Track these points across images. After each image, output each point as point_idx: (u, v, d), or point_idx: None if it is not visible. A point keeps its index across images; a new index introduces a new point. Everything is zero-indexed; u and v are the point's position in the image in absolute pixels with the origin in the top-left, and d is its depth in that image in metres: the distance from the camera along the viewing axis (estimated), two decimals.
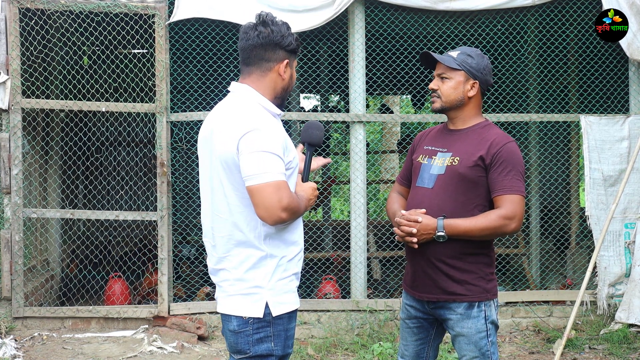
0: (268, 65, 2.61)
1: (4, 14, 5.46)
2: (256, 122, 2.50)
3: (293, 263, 2.63)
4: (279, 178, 2.45)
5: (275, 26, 2.59)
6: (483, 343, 2.90)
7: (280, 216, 2.45)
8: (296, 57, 2.68)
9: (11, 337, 5.38)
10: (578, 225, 7.32)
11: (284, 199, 2.44)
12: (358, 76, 5.79)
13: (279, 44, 2.59)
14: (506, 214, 2.82)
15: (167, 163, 5.61)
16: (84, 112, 6.98)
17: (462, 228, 2.81)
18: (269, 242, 2.56)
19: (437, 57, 2.95)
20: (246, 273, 2.56)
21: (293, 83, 2.70)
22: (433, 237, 2.84)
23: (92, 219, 6.66)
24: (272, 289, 2.55)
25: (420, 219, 2.84)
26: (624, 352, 5.22)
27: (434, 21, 6.16)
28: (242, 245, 2.56)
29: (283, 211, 2.44)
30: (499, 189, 2.85)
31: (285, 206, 2.44)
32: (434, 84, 2.98)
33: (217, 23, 5.82)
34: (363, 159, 5.83)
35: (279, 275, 2.57)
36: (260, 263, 2.56)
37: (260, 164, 2.44)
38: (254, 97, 2.60)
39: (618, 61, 6.41)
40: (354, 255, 5.82)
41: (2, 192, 5.55)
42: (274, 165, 2.45)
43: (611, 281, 5.82)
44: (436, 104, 2.98)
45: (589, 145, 5.87)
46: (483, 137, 2.91)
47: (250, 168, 2.45)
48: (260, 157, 2.45)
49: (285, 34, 2.60)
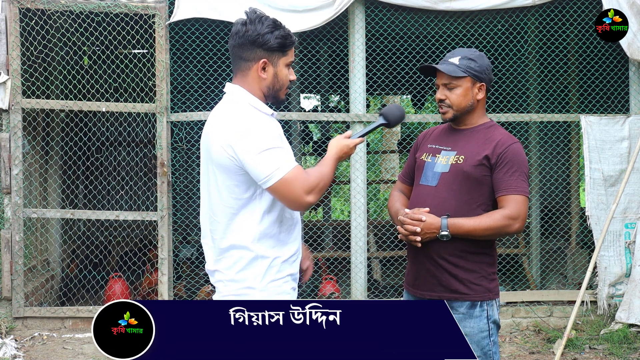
0: (247, 64, 2.58)
1: (4, 14, 5.46)
2: (247, 123, 2.49)
3: (288, 264, 2.60)
4: (290, 167, 2.45)
5: (253, 25, 2.53)
6: (485, 343, 2.90)
7: (307, 201, 2.47)
8: (284, 53, 2.58)
9: (11, 337, 5.38)
10: (578, 225, 7.32)
11: (303, 184, 2.45)
12: (358, 76, 5.79)
13: (255, 43, 2.53)
14: (510, 214, 2.82)
15: (167, 163, 5.61)
16: (84, 112, 6.98)
17: (466, 227, 2.81)
18: (263, 243, 2.55)
19: (440, 68, 2.90)
20: (238, 274, 2.55)
21: (282, 81, 2.61)
22: (437, 236, 2.84)
23: (92, 219, 6.67)
24: (265, 290, 2.53)
25: (424, 217, 2.83)
26: (624, 352, 5.22)
27: (434, 21, 6.16)
28: (236, 247, 2.55)
29: (308, 195, 2.46)
30: (503, 188, 2.85)
31: (308, 190, 2.46)
32: (441, 94, 2.93)
33: (217, 23, 5.82)
34: (363, 159, 5.83)
35: (271, 277, 2.55)
36: (252, 264, 2.54)
37: (269, 163, 2.44)
38: (245, 98, 2.58)
39: (618, 61, 6.41)
40: (354, 255, 5.82)
41: (2, 192, 5.55)
42: (280, 158, 2.45)
43: (611, 281, 5.82)
44: (448, 114, 2.94)
45: (589, 145, 5.87)
46: (489, 137, 2.91)
47: (261, 171, 2.44)
48: (265, 156, 2.44)
49: (262, 32, 2.52)
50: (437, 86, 2.98)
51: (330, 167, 2.59)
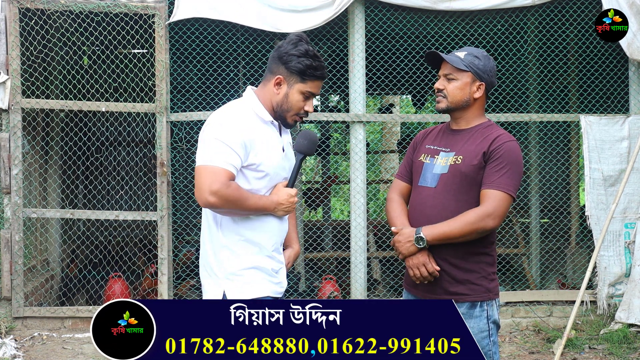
0: (269, 76, 2.70)
1: (4, 14, 5.46)
2: (224, 116, 2.62)
3: (252, 257, 2.66)
4: (219, 165, 2.53)
5: (289, 44, 2.64)
6: (485, 343, 2.90)
7: (207, 199, 2.53)
8: (302, 80, 2.65)
9: (11, 337, 5.38)
10: (578, 225, 7.32)
11: (215, 183, 2.51)
12: (358, 76, 5.79)
13: (280, 59, 2.65)
14: (485, 211, 2.80)
15: (167, 163, 5.61)
16: (84, 112, 6.98)
17: (440, 230, 2.81)
18: (225, 232, 2.64)
19: (444, 57, 2.93)
20: (208, 260, 2.69)
21: (290, 104, 2.67)
22: (415, 245, 2.84)
23: (92, 219, 6.66)
24: (229, 279, 2.63)
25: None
26: (624, 352, 5.22)
27: (433, 21, 6.16)
28: (210, 234, 2.69)
29: (211, 195, 2.52)
30: (485, 182, 2.84)
31: (215, 191, 2.51)
32: (440, 83, 2.96)
33: (217, 23, 5.82)
34: (363, 159, 5.83)
35: (237, 265, 2.63)
36: (218, 251, 2.65)
37: (207, 148, 2.57)
38: (251, 101, 2.70)
39: (618, 61, 6.41)
40: (354, 255, 5.82)
41: (2, 192, 5.55)
42: (220, 152, 2.55)
43: (611, 281, 5.82)
44: (441, 104, 2.96)
45: (589, 145, 5.87)
46: (486, 136, 2.91)
47: (198, 151, 2.59)
48: (211, 143, 2.57)
49: (290, 53, 2.62)
50: (438, 77, 3.00)
51: (251, 202, 2.60)
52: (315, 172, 15.07)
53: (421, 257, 2.86)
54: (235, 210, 2.60)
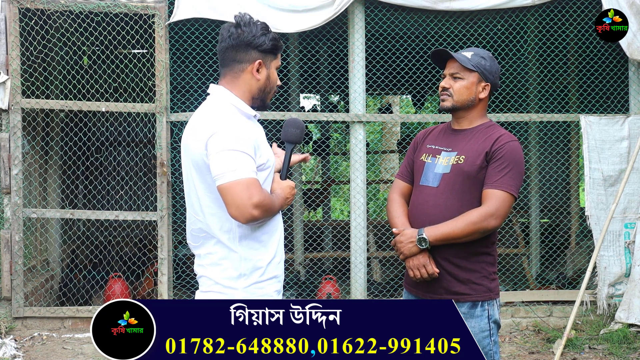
0: (240, 66, 2.59)
1: (4, 14, 5.46)
2: (224, 122, 2.49)
3: (273, 265, 2.58)
4: (249, 175, 2.41)
5: (247, 27, 2.56)
6: (486, 342, 2.90)
7: (252, 214, 2.40)
8: (275, 56, 2.63)
9: (11, 337, 5.38)
10: (578, 225, 7.33)
11: (255, 196, 2.39)
12: (358, 76, 5.79)
13: (250, 44, 2.56)
14: (487, 211, 2.80)
15: (167, 163, 5.62)
16: (84, 112, 6.99)
17: (442, 230, 2.81)
18: (244, 244, 2.52)
19: (454, 55, 2.93)
20: (214, 270, 2.54)
21: (272, 83, 2.64)
22: (417, 245, 2.85)
23: (92, 219, 6.67)
24: (246, 291, 2.51)
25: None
26: (624, 352, 5.22)
27: (433, 21, 6.16)
28: (216, 245, 2.54)
29: (255, 208, 2.40)
30: (488, 182, 2.84)
31: (257, 203, 2.40)
32: (446, 82, 2.95)
33: (217, 23, 5.82)
34: (363, 159, 5.83)
35: (255, 278, 2.53)
36: (232, 264, 2.52)
37: (228, 162, 2.41)
38: (227, 98, 2.59)
39: (618, 61, 6.41)
40: (354, 256, 5.82)
41: (2, 192, 5.55)
42: (242, 163, 2.42)
43: (611, 281, 5.82)
44: (447, 103, 2.95)
45: (589, 145, 5.87)
46: (488, 136, 2.91)
47: (218, 167, 2.42)
48: (228, 155, 2.42)
49: (257, 34, 2.56)
50: (443, 76, 2.99)
51: (277, 204, 2.54)
52: (315, 172, 15.08)
53: (422, 258, 2.86)
54: (270, 217, 2.53)
